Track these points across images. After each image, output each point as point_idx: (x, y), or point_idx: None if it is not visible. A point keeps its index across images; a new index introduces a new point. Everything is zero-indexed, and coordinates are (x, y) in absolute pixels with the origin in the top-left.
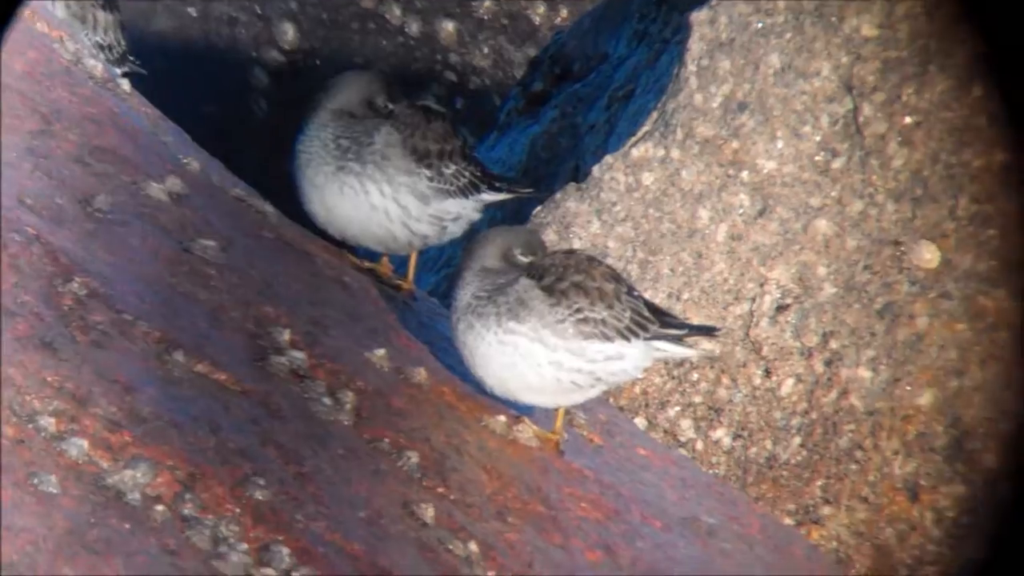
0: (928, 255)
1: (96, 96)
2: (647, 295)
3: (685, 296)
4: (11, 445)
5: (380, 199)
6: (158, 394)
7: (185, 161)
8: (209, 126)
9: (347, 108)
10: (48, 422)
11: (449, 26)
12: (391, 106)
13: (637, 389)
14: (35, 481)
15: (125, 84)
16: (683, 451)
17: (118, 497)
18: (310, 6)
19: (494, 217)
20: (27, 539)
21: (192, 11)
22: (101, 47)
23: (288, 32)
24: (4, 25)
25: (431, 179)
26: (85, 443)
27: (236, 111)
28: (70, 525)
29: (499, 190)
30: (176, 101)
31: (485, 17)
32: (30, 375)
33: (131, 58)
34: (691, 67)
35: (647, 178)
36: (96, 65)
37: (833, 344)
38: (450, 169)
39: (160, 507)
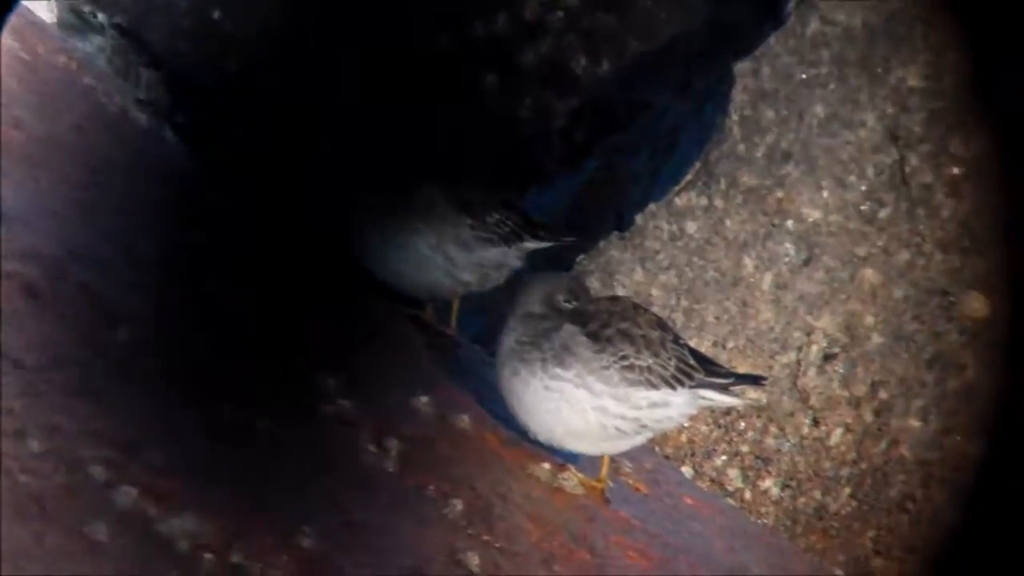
0: (977, 305)
1: (142, 148)
2: (692, 343)
3: (731, 345)
4: (61, 493)
5: (424, 247)
6: (205, 442)
7: (229, 210)
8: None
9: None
10: (97, 470)
11: (491, 77)
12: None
13: (683, 438)
14: (85, 529)
15: (170, 137)
16: (731, 501)
17: (167, 545)
18: (353, 59)
19: (537, 265)
20: None
21: (235, 65)
22: (143, 103)
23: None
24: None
25: (473, 227)
26: (134, 491)
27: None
28: (120, 573)
29: (541, 238)
30: (220, 153)
31: (527, 68)
32: (79, 424)
33: (181, 114)
34: (734, 117)
35: (691, 227)
36: (142, 118)
37: (882, 394)
38: (492, 218)
39: (208, 555)
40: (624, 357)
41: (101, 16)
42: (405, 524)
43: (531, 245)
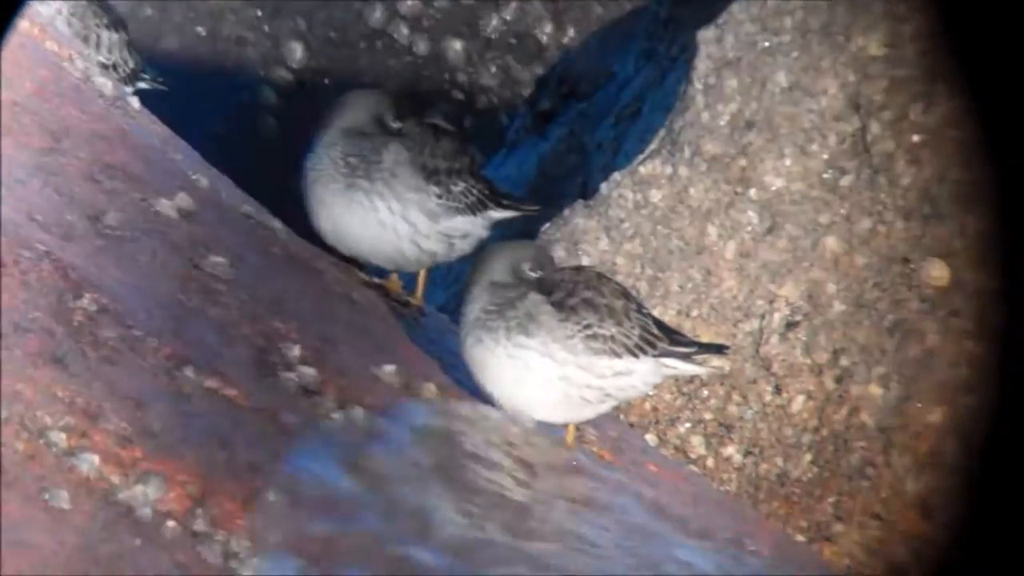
0: (937, 272)
1: (106, 114)
2: (656, 312)
3: (694, 313)
4: (22, 460)
5: (389, 216)
6: (168, 410)
7: (194, 178)
8: (218, 144)
9: (356, 126)
10: (59, 437)
11: (457, 45)
12: (400, 124)
13: (647, 406)
14: (46, 496)
15: (135, 102)
16: (694, 468)
17: (129, 513)
18: (318, 25)
19: (503, 234)
20: (37, 555)
21: (201, 30)
22: (104, 66)
23: (296, 51)
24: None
25: (439, 196)
26: (96, 458)
27: (245, 129)
28: (81, 541)
29: (506, 208)
30: (185, 119)
31: (493, 36)
32: (41, 390)
33: (146, 75)
34: (698, 85)
35: (655, 195)
36: (106, 83)
37: (843, 361)
38: (458, 187)
39: (171, 523)
40: (588, 326)
41: None
42: None
43: (496, 214)
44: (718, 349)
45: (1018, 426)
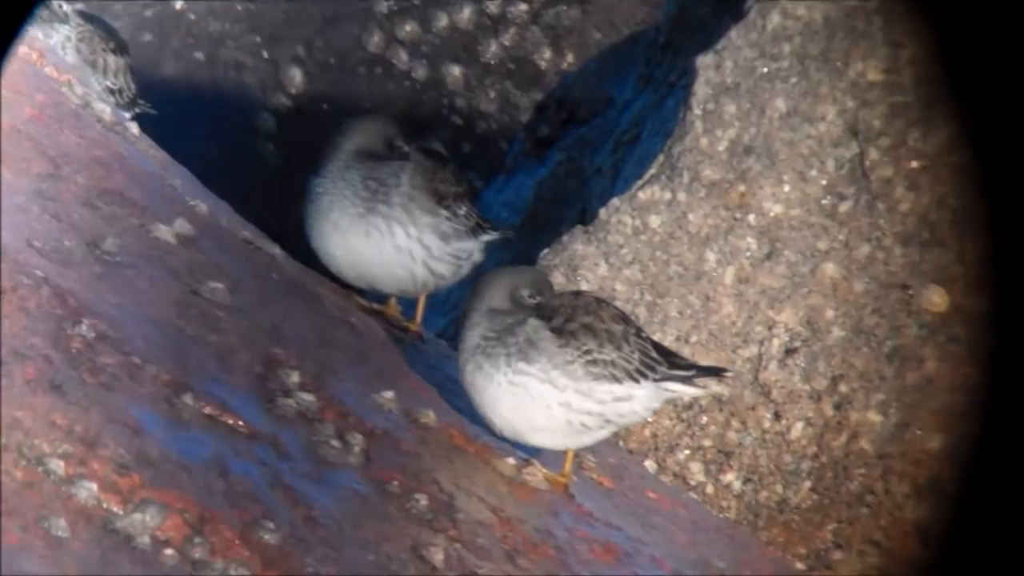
0: (936, 298)
1: (104, 139)
2: (655, 338)
3: (693, 339)
4: (20, 488)
5: (405, 240)
6: (167, 437)
7: (193, 204)
8: (217, 169)
9: (369, 149)
10: (57, 465)
11: (456, 71)
12: (408, 148)
13: (647, 432)
14: (44, 525)
15: (134, 127)
16: (693, 495)
17: (127, 541)
18: (317, 51)
19: (502, 259)
20: None
21: (200, 56)
22: (111, 91)
23: (295, 76)
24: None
25: (449, 219)
26: (94, 486)
27: (243, 154)
28: (80, 569)
29: (491, 231)
30: (184, 144)
31: (492, 62)
32: (39, 418)
33: (141, 101)
34: (697, 111)
35: (654, 221)
36: (104, 109)
37: (842, 387)
38: (462, 210)
39: (170, 551)
40: (588, 351)
41: (65, 6)
42: (368, 519)
43: (487, 238)
44: (717, 372)
45: (1016, 452)
